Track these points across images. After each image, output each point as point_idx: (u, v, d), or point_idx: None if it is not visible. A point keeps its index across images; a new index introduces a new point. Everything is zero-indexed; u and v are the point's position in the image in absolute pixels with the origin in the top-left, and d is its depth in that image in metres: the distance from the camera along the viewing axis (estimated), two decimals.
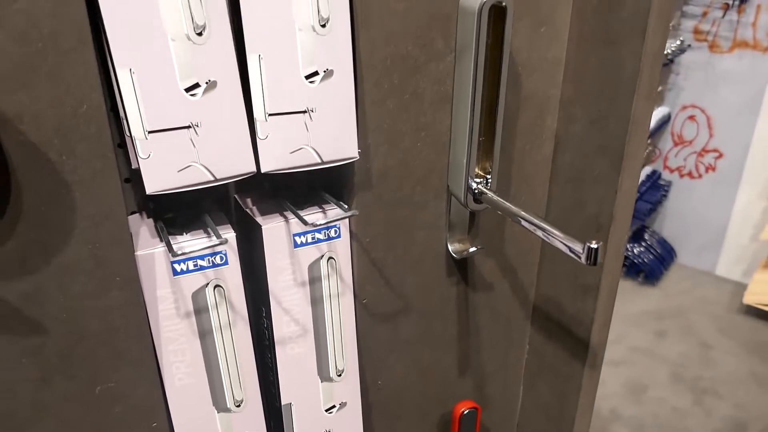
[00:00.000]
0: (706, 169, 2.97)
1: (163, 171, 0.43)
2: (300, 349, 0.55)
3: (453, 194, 0.51)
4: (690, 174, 3.02)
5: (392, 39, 0.46)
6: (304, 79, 0.46)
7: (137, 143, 0.42)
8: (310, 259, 0.52)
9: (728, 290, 2.98)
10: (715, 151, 2.91)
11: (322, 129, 0.47)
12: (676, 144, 3.01)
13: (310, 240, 0.51)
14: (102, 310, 0.46)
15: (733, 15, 2.63)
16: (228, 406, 0.54)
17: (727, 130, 2.84)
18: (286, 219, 0.51)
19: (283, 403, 0.56)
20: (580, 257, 0.39)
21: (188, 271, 0.48)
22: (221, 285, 0.49)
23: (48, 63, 0.39)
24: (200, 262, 0.48)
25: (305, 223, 0.48)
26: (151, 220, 0.51)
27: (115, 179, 0.43)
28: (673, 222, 3.16)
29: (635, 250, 3.03)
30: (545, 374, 0.62)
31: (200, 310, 0.49)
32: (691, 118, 2.91)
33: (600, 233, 0.49)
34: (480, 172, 0.47)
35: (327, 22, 0.44)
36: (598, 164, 0.48)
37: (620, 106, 0.42)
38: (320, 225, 0.49)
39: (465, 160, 0.47)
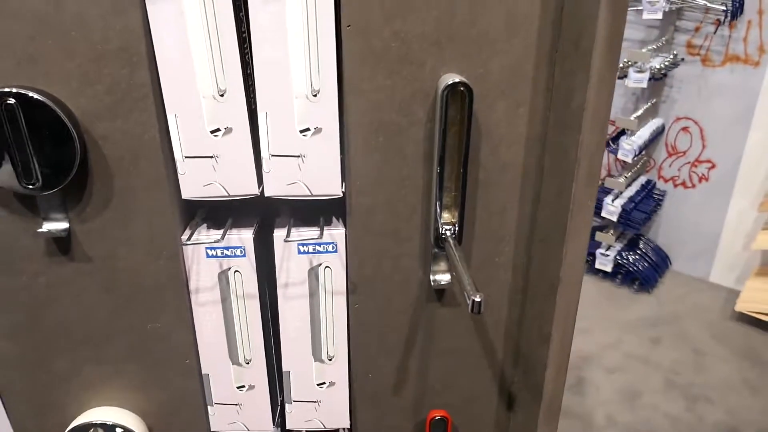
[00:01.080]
0: (700, 179, 3.01)
1: (193, 184, 0.60)
2: (298, 332, 0.69)
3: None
4: (684, 184, 3.07)
5: (380, 107, 0.56)
6: (299, 132, 0.57)
7: (178, 164, 0.59)
8: (310, 264, 0.65)
9: (722, 297, 3.02)
10: (708, 161, 2.96)
11: (311, 170, 0.58)
12: (670, 154, 3.06)
13: (311, 250, 0.64)
14: (154, 272, 0.63)
15: (724, 30, 2.68)
16: (240, 362, 0.70)
17: (720, 142, 2.88)
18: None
19: (284, 369, 0.71)
20: (469, 308, 0.47)
21: (217, 256, 0.64)
22: (239, 271, 0.65)
23: (125, 107, 0.56)
24: (226, 252, 0.65)
25: (287, 238, 0.62)
26: (200, 220, 0.69)
27: (165, 185, 0.60)
28: (667, 230, 3.20)
29: (630, 258, 3.07)
30: (515, 399, 0.69)
31: (223, 287, 0.66)
32: (685, 129, 2.96)
33: (551, 293, 0.56)
34: (449, 221, 0.55)
35: (318, 92, 0.55)
36: (550, 234, 0.56)
37: (565, 189, 0.49)
38: (295, 240, 0.63)
39: (433, 210, 0.56)
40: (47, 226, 0.58)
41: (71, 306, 0.64)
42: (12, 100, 0.51)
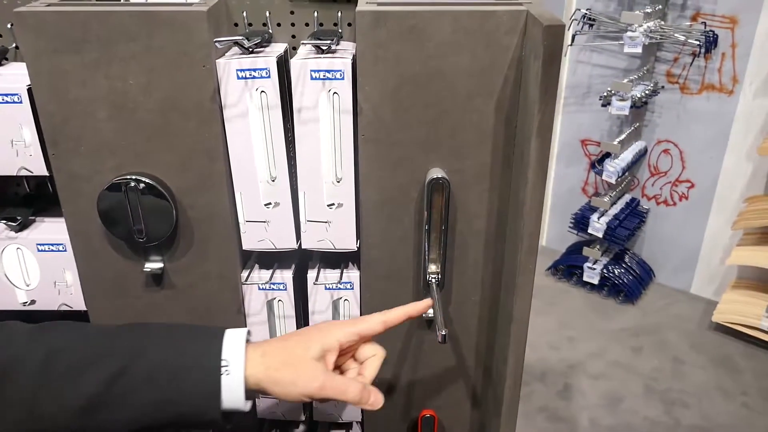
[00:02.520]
0: (680, 198, 3.11)
1: (251, 240, 0.81)
2: None
3: None
4: (665, 202, 3.17)
5: (384, 190, 0.76)
6: (326, 206, 0.77)
7: (241, 225, 0.80)
8: (332, 298, 0.85)
9: (701, 308, 3.11)
10: (687, 181, 3.06)
11: (335, 232, 0.79)
12: (652, 174, 3.16)
13: (333, 287, 0.84)
14: (220, 300, 0.84)
15: (701, 61, 2.78)
16: None
17: (698, 163, 2.98)
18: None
19: None
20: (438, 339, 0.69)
21: (265, 289, 0.85)
22: (282, 300, 0.86)
23: (207, 186, 0.77)
24: (272, 286, 0.85)
25: (315, 281, 0.84)
26: (254, 262, 0.89)
27: (232, 239, 0.80)
28: (651, 245, 3.29)
29: (616, 272, 3.16)
30: (486, 403, 0.89)
31: (269, 312, 0.86)
32: (666, 151, 3.06)
33: (507, 326, 0.76)
34: (435, 271, 0.76)
35: (341, 179, 0.75)
36: (507, 284, 0.77)
37: (514, 255, 0.70)
38: (321, 282, 0.84)
39: (422, 263, 0.77)
40: (148, 266, 0.80)
41: (161, 321, 0.84)
42: (133, 183, 0.72)
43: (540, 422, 2.50)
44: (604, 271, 3.18)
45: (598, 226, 3.04)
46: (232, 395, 0.60)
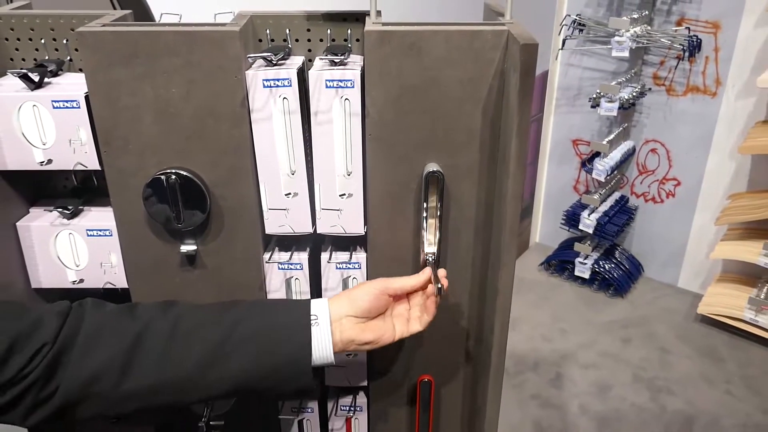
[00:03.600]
0: (667, 195, 3.22)
1: (273, 225, 0.91)
2: None
3: None
4: (653, 199, 3.28)
5: (388, 182, 0.87)
6: (338, 196, 0.89)
7: (264, 212, 0.90)
8: (342, 276, 0.96)
9: (687, 301, 3.21)
10: (674, 179, 3.17)
11: (346, 218, 0.91)
12: (640, 173, 3.27)
13: (344, 266, 0.95)
14: (246, 278, 0.95)
15: (685, 64, 2.89)
16: None
17: (684, 162, 3.09)
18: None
19: None
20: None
21: (284, 269, 0.95)
22: (298, 279, 0.96)
23: (236, 179, 0.88)
24: (290, 266, 0.94)
25: (329, 260, 0.95)
26: (274, 244, 0.98)
27: (256, 225, 0.90)
28: (640, 241, 3.39)
29: (607, 266, 3.25)
30: (478, 367, 1.01)
31: (287, 288, 0.96)
32: (653, 150, 3.17)
33: (494, 298, 0.88)
34: (432, 251, 0.89)
35: (351, 173, 0.87)
36: (494, 262, 0.89)
37: (498, 237, 0.83)
38: (333, 261, 0.95)
39: (421, 245, 0.89)
40: (184, 248, 0.91)
41: (194, 298, 0.94)
42: (173, 176, 0.85)
43: (532, 409, 2.61)
44: (595, 266, 3.27)
45: (588, 222, 3.13)
46: (322, 345, 0.76)
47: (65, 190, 1.00)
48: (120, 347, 0.71)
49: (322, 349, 0.76)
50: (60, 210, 0.92)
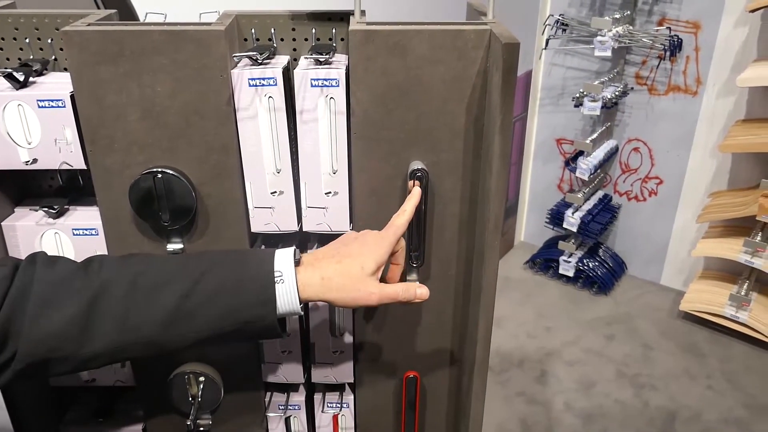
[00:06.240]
0: (650, 194, 3.28)
1: (259, 223, 0.91)
2: (320, 315, 0.99)
3: None
4: (636, 197, 3.33)
5: (372, 179, 0.88)
6: (324, 194, 0.89)
7: (250, 211, 0.90)
8: None
9: (670, 298, 3.28)
10: (656, 178, 3.22)
11: (331, 216, 0.91)
12: (623, 172, 3.32)
13: None
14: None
15: (667, 64, 2.94)
16: None
17: (666, 161, 3.14)
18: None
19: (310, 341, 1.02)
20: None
21: None
22: None
23: (222, 177, 0.87)
24: None
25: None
26: (260, 243, 0.98)
27: (242, 223, 0.91)
28: (623, 239, 3.45)
29: (590, 264, 3.30)
30: (462, 364, 1.02)
31: None
32: (636, 149, 3.22)
33: (477, 295, 0.90)
34: (415, 249, 0.90)
35: (336, 171, 0.88)
36: (477, 260, 0.90)
37: (481, 234, 0.84)
38: None
39: (406, 242, 0.89)
40: (170, 246, 0.91)
41: None
42: (159, 175, 0.85)
43: (518, 405, 2.64)
44: (579, 264, 3.33)
45: (572, 221, 3.17)
46: (287, 300, 0.74)
47: (51, 190, 1.00)
48: (76, 309, 0.69)
49: (288, 303, 0.74)
50: (46, 209, 0.92)
